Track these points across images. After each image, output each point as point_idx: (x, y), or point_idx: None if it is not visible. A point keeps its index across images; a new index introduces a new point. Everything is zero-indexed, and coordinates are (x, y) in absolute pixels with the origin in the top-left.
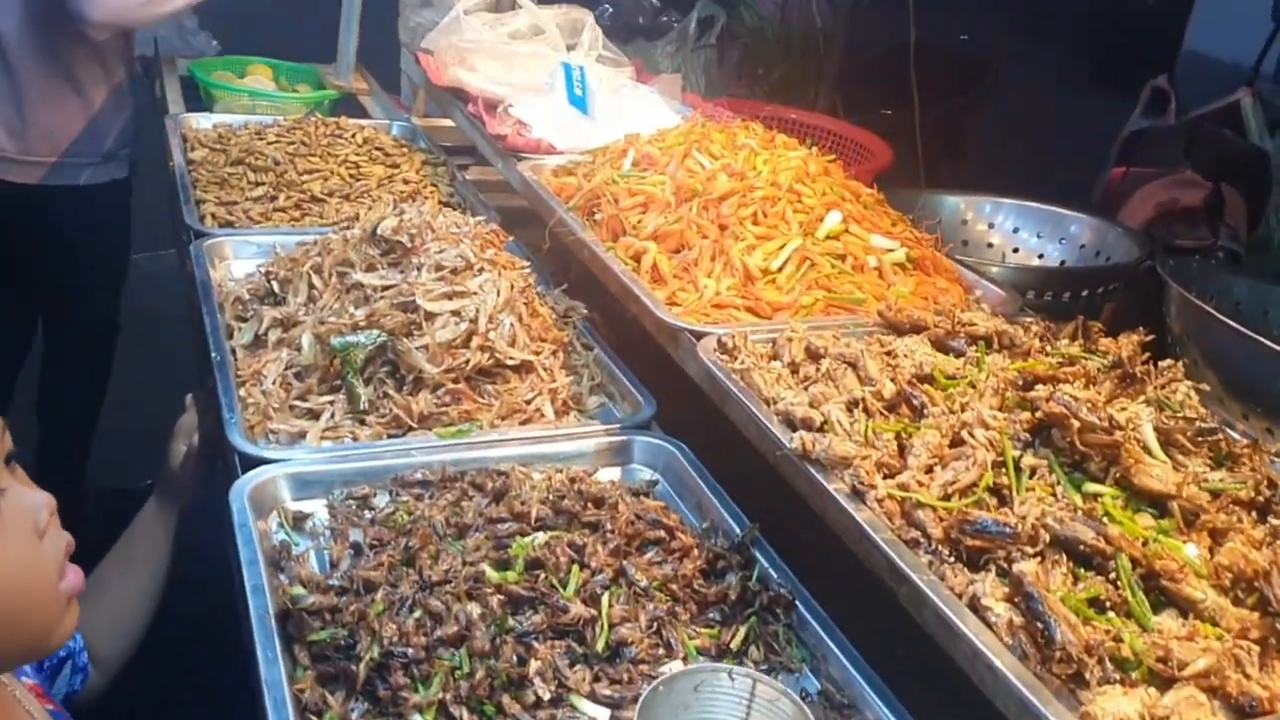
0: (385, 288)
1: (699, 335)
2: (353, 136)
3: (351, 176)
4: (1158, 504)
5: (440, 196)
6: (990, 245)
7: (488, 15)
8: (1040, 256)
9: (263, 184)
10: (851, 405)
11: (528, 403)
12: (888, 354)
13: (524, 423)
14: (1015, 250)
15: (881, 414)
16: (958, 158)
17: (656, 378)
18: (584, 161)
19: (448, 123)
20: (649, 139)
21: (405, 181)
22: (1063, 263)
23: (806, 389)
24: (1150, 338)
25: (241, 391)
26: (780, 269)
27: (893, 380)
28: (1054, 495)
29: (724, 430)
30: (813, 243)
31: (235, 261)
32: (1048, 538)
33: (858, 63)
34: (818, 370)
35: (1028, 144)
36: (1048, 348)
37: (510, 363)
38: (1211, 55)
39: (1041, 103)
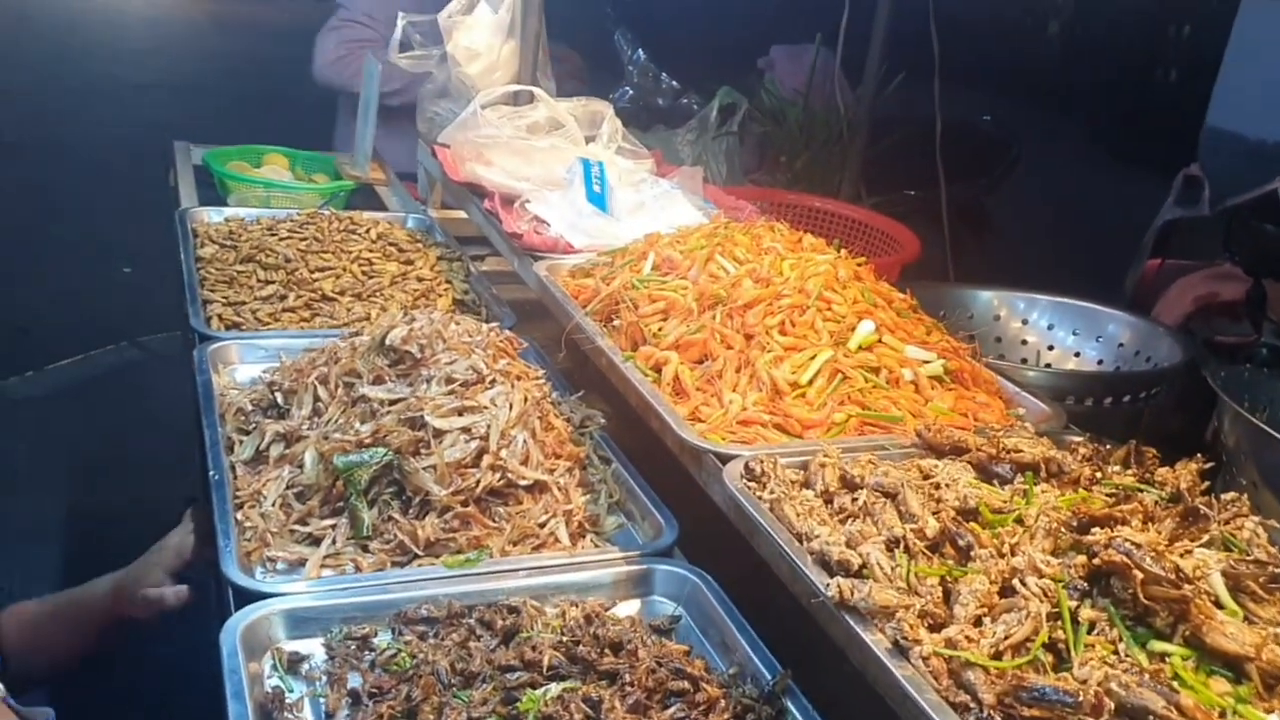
0: (393, 401)
1: (725, 458)
2: (367, 232)
3: (364, 274)
4: (1233, 665)
5: (455, 294)
6: (1025, 342)
7: (505, 108)
8: (1077, 355)
9: (272, 282)
10: (892, 545)
11: (541, 526)
12: (929, 482)
13: (537, 548)
14: (1050, 348)
15: (924, 554)
16: (983, 238)
17: (677, 488)
18: (602, 263)
19: (464, 215)
20: (670, 240)
21: (419, 279)
22: (1100, 362)
23: (843, 523)
24: (1209, 465)
25: (239, 515)
26: (810, 382)
27: (935, 516)
28: (1116, 653)
29: (752, 555)
30: (844, 354)
31: (241, 366)
32: (1113, 706)
33: (882, 144)
34: (854, 502)
35: (1054, 224)
36: (1098, 474)
37: (523, 483)
38: (1234, 131)
39: (1067, 181)
